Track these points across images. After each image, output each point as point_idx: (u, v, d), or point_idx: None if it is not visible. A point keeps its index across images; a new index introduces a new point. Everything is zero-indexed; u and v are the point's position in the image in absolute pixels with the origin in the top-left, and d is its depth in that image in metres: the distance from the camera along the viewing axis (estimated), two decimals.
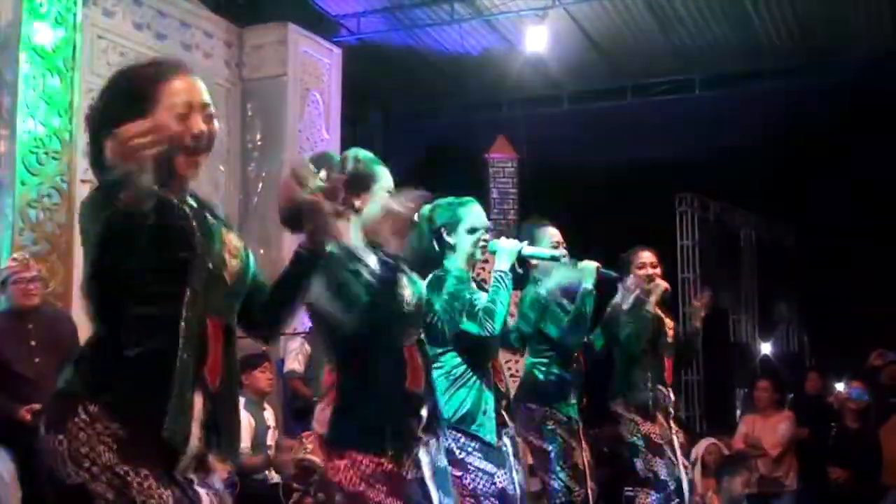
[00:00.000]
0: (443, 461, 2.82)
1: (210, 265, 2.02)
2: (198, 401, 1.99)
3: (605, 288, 4.40)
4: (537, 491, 4.41)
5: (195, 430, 1.99)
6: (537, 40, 8.91)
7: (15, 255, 5.22)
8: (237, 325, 2.17)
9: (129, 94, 2.04)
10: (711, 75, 9.90)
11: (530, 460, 4.34)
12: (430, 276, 3.35)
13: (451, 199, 3.54)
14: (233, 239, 2.12)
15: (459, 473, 3.22)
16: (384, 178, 2.85)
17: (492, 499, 3.27)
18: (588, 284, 4.12)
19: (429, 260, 3.41)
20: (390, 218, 2.81)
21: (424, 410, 2.74)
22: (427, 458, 2.73)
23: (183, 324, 1.94)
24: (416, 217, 3.16)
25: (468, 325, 3.29)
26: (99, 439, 1.87)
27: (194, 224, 2.00)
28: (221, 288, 2.05)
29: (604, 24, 9.16)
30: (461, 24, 9.16)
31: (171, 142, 1.98)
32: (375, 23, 9.34)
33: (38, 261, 5.65)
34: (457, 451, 3.28)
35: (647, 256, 4.80)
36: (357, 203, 2.80)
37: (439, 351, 3.26)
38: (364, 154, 2.89)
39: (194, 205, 2.09)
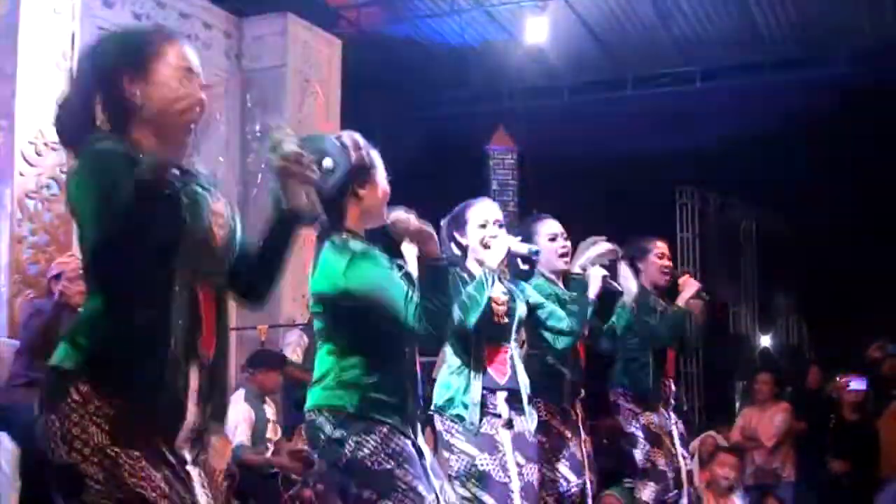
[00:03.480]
0: (428, 451, 2.84)
1: (198, 236, 2.00)
2: (193, 374, 1.99)
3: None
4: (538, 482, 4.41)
5: (191, 405, 1.99)
6: (537, 31, 8.90)
7: (72, 253, 5.22)
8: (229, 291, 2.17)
9: (131, 50, 2.03)
10: (712, 67, 9.89)
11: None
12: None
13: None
14: (220, 207, 2.10)
15: (446, 455, 3.28)
16: (380, 163, 2.88)
17: (473, 480, 3.29)
18: (591, 294, 4.11)
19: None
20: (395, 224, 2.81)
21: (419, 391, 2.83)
22: (425, 446, 2.79)
23: (175, 295, 1.94)
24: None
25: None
26: (91, 420, 1.86)
27: (182, 194, 1.98)
28: (210, 257, 2.04)
29: (604, 15, 9.14)
30: (461, 15, 9.15)
31: (175, 103, 2.01)
32: (375, 13, 9.33)
33: (36, 252, 5.67)
34: (444, 434, 3.35)
35: (662, 246, 4.83)
36: (361, 192, 2.81)
37: None
38: (363, 140, 2.88)
39: (178, 174, 2.07)
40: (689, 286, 4.78)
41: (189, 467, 1.99)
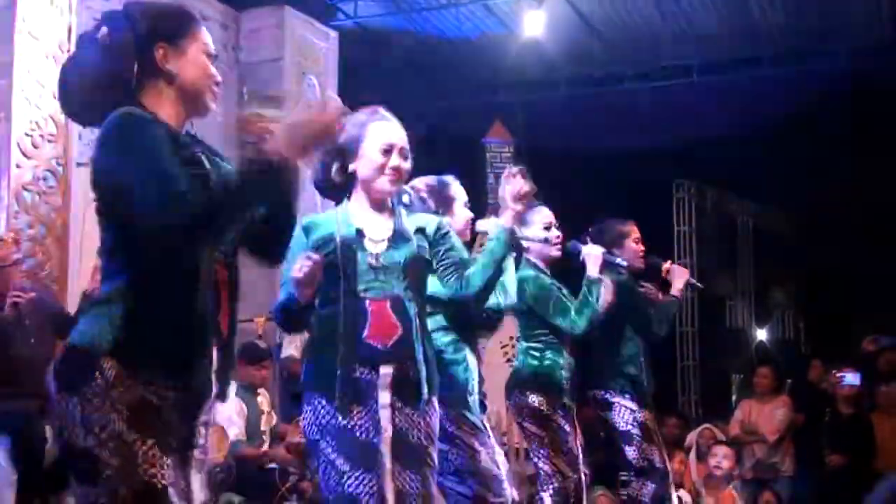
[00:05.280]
0: (418, 437, 2.75)
1: None
2: (215, 352, 2.02)
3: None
4: (532, 475, 4.40)
5: (214, 379, 2.03)
6: (535, 25, 8.88)
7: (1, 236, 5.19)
8: None
9: (169, 24, 2.08)
10: (710, 61, 9.85)
11: (525, 444, 4.33)
12: None
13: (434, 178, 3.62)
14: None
15: (446, 447, 3.19)
16: (374, 133, 2.84)
17: (475, 476, 3.26)
18: (593, 273, 4.08)
19: None
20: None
21: (387, 368, 2.70)
22: (388, 424, 2.69)
23: (203, 271, 1.95)
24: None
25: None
26: (113, 406, 1.85)
27: (207, 164, 2.01)
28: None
29: (602, 8, 9.13)
30: (459, 8, 9.13)
31: (205, 80, 2.08)
32: (373, 6, 9.30)
33: (33, 244, 5.65)
34: (447, 426, 3.20)
35: (636, 229, 4.67)
36: (352, 167, 2.83)
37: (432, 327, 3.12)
38: (356, 117, 2.85)
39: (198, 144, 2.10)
40: (680, 274, 4.66)
41: (194, 451, 2.00)
